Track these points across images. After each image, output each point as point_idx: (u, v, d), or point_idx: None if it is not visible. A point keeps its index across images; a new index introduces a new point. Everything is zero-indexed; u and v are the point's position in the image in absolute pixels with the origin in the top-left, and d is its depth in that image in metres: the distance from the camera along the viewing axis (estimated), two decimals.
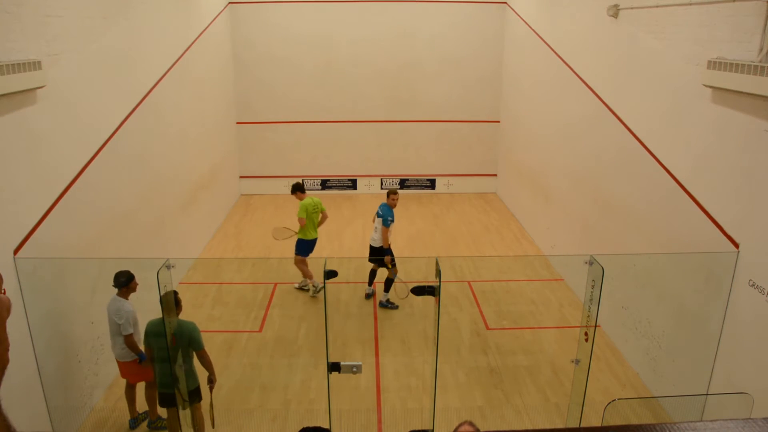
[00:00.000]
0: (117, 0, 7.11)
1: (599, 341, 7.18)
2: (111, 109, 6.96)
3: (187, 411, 5.55)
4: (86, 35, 6.29)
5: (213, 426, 5.68)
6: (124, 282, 5.66)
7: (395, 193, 8.45)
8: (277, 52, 13.31)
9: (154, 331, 5.41)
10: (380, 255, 8.32)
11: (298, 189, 8.81)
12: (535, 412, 6.24)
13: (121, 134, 7.11)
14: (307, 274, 8.86)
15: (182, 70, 9.44)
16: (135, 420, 6.07)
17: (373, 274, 8.70)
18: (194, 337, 5.35)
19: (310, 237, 8.72)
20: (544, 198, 10.61)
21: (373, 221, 8.63)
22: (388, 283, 8.38)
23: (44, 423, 5.47)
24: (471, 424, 1.99)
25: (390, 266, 8.23)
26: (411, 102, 13.82)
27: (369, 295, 8.72)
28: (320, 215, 8.79)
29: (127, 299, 5.69)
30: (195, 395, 5.57)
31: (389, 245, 8.34)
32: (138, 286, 5.78)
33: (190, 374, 5.48)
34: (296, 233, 8.72)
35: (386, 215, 8.21)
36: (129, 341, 5.65)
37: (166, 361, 5.25)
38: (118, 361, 5.86)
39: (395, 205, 8.38)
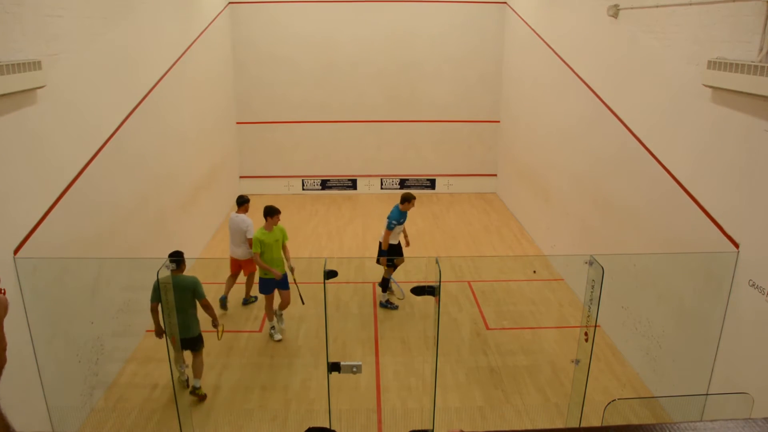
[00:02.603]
0: (117, 0, 7.11)
1: (599, 341, 7.17)
2: (111, 109, 6.96)
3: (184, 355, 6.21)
4: (86, 35, 6.29)
5: (219, 338, 6.62)
6: (244, 202, 7.98)
7: (409, 201, 8.11)
8: (278, 51, 13.31)
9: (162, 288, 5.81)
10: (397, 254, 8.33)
11: (270, 211, 7.36)
12: (535, 412, 6.24)
13: (121, 134, 7.11)
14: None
15: (182, 70, 9.44)
16: (247, 300, 8.37)
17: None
18: (197, 289, 6.17)
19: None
20: (544, 198, 10.61)
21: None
22: (385, 283, 8.39)
23: (44, 423, 5.47)
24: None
25: (386, 266, 8.32)
26: (411, 102, 13.82)
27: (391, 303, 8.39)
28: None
29: (245, 215, 7.91)
30: (199, 341, 6.37)
31: (388, 246, 8.23)
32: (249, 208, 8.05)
33: (194, 322, 6.27)
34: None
35: (389, 217, 8.07)
36: (251, 242, 7.55)
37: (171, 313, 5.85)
38: (239, 260, 7.96)
39: (407, 210, 8.14)
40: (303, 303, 7.65)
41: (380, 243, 8.33)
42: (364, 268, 10.01)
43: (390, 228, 8.05)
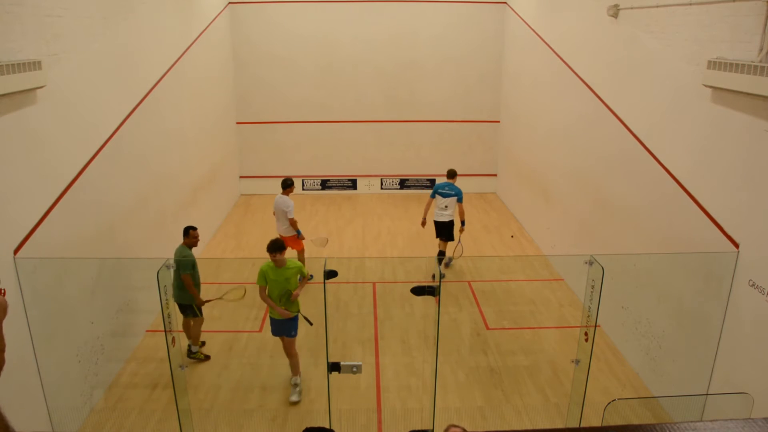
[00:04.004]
0: (117, 0, 7.11)
1: (599, 341, 7.17)
2: (111, 109, 6.96)
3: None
4: (86, 35, 6.29)
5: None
6: (288, 185, 8.77)
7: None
8: (278, 51, 13.31)
9: (188, 260, 6.70)
10: (452, 229, 9.42)
11: (278, 246, 6.15)
12: (535, 412, 6.24)
13: (121, 134, 7.11)
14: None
15: (182, 70, 9.44)
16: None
17: (442, 254, 9.62)
18: (179, 262, 6.60)
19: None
20: (544, 198, 10.61)
21: (430, 204, 9.48)
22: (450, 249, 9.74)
23: (44, 423, 5.47)
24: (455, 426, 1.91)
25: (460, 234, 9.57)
26: (411, 102, 13.82)
27: (448, 264, 9.76)
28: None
29: (288, 196, 8.67)
30: (187, 309, 6.87)
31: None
32: (294, 190, 8.88)
33: (179, 291, 6.71)
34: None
35: (460, 192, 9.31)
36: (292, 222, 8.50)
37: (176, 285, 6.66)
38: (281, 235, 8.50)
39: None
40: (311, 324, 6.69)
41: (441, 221, 9.37)
42: (364, 268, 10.02)
43: (461, 200, 9.31)
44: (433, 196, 9.40)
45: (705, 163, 5.72)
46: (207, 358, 7.16)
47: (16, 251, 5.04)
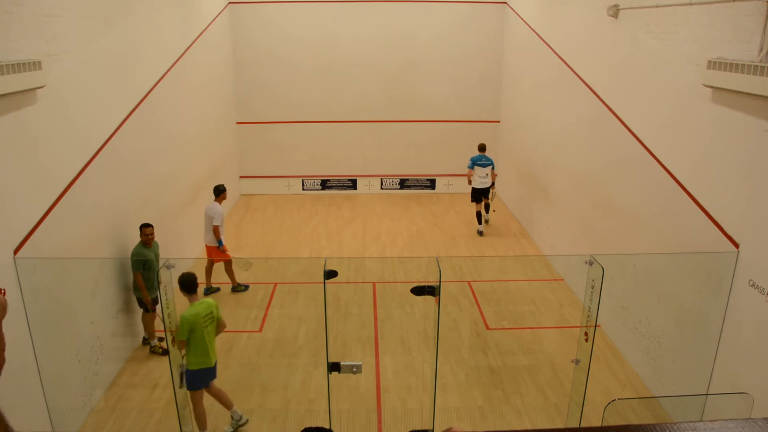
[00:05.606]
0: (117, 0, 7.11)
1: (599, 341, 7.17)
2: (111, 109, 6.96)
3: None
4: (86, 35, 6.29)
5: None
6: (220, 192, 8.61)
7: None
8: (277, 52, 13.31)
9: (139, 259, 6.83)
10: (488, 190, 11.44)
11: (190, 285, 5.53)
12: (535, 412, 6.24)
13: (121, 134, 7.11)
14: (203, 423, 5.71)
15: (182, 71, 9.44)
16: (209, 289, 8.75)
17: (480, 215, 11.45)
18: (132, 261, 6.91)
19: (205, 363, 5.52)
20: (544, 198, 10.61)
21: (470, 175, 11.33)
22: (487, 207, 11.76)
23: (44, 423, 5.47)
24: None
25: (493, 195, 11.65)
26: (411, 102, 13.82)
27: (482, 233, 11.44)
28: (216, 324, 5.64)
29: (220, 204, 8.54)
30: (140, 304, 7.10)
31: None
32: (227, 196, 8.82)
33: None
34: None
35: (493, 161, 11.42)
36: (215, 230, 8.40)
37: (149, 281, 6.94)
38: (206, 245, 8.68)
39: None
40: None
41: (479, 187, 11.35)
42: (364, 268, 10.02)
43: (495, 169, 11.47)
44: (471, 167, 11.27)
45: (705, 163, 5.72)
46: (165, 352, 7.03)
47: (16, 251, 5.03)
